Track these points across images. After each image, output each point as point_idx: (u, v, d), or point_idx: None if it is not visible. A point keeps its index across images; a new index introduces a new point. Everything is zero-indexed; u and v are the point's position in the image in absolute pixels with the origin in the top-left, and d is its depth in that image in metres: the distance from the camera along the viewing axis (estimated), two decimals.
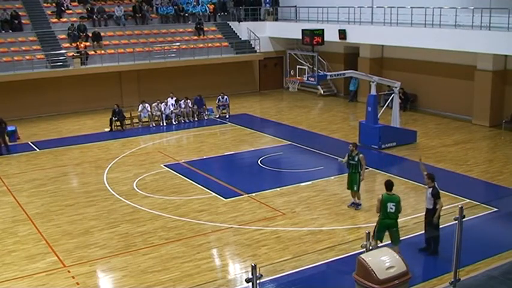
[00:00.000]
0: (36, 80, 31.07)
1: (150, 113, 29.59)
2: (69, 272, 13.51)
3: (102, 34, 34.33)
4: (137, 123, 29.47)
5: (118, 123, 28.54)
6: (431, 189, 13.40)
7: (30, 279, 13.22)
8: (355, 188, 16.90)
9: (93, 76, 32.63)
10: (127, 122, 29.06)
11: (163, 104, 30.00)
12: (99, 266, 13.82)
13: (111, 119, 28.49)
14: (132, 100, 32.29)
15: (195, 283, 12.65)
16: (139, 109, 29.64)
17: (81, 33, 33.92)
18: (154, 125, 29.40)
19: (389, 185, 12.98)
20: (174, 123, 29.79)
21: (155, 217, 16.74)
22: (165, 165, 21.97)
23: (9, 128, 26.82)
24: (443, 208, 13.50)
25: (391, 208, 12.78)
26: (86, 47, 33.42)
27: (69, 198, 18.67)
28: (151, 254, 14.29)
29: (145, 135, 27.53)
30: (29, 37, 33.17)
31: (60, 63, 32.07)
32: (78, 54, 32.57)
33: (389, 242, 12.87)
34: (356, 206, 17.04)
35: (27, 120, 26.03)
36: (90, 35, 33.98)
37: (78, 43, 33.42)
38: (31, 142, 25.99)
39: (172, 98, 30.39)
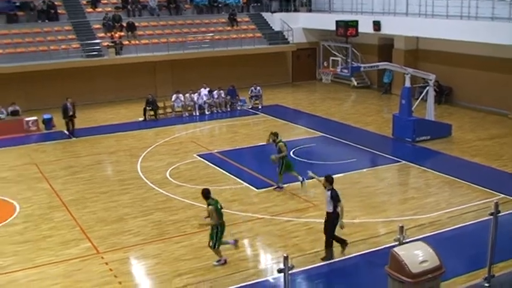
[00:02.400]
0: (72, 69, 31.50)
1: (183, 102, 29.80)
2: (102, 258, 13.74)
3: (136, 24, 34.61)
4: (170, 112, 29.71)
5: (152, 112, 28.81)
6: (329, 191, 13.04)
7: (65, 264, 13.49)
8: (277, 169, 17.81)
9: (127, 66, 32.94)
10: (160, 111, 29.31)
11: (197, 94, 30.17)
12: (132, 253, 14.02)
13: (145, 109, 28.77)
14: (166, 90, 32.49)
15: (226, 272, 12.75)
16: (173, 99, 29.88)
17: (116, 24, 34.26)
18: (187, 114, 29.60)
19: (207, 193, 13.09)
20: (207, 113, 29.94)
21: (188, 206, 16.89)
22: (198, 155, 22.12)
23: (46, 116, 27.35)
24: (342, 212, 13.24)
25: (220, 208, 13.08)
26: (120, 37, 33.75)
27: (103, 186, 18.96)
28: (183, 243, 14.44)
29: (178, 124, 27.73)
30: (64, 27, 33.65)
31: (95, 53, 32.46)
32: (113, 44, 32.91)
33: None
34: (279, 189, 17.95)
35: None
36: (125, 25, 34.30)
37: (112, 33, 33.77)
38: (66, 130, 26.38)
39: (205, 89, 30.53)
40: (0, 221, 16.21)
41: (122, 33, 34.05)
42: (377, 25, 31.52)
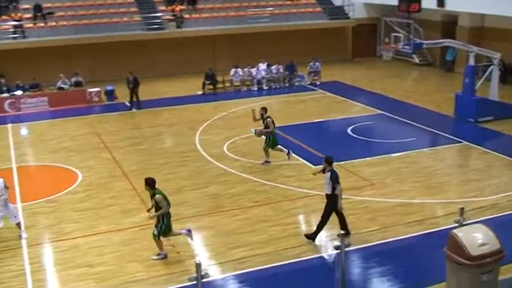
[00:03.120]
0: (133, 42, 32.03)
1: (242, 77, 29.90)
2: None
3: None
4: (229, 87, 29.88)
5: (210, 86, 29.05)
6: (329, 172, 12.76)
7: (124, 232, 13.88)
8: (264, 145, 18.17)
9: (187, 40, 33.21)
10: (219, 85, 29.51)
11: (255, 68, 30.20)
12: (189, 224, 14.23)
13: (204, 82, 29.02)
14: (225, 64, 32.62)
15: (281, 247, 12.85)
16: (232, 73, 30.01)
17: None
18: (245, 89, 29.71)
19: (152, 182, 12.68)
20: (265, 88, 29.95)
21: (244, 180, 17.03)
22: (255, 130, 22.17)
23: (108, 88, 27.98)
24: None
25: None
26: (181, 10, 33.99)
27: (162, 158, 19.31)
28: (239, 216, 14.60)
29: (236, 99, 27.86)
30: None
31: (156, 26, 32.85)
32: (174, 18, 33.20)
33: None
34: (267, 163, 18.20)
35: (124, 81, 27.10)
36: None
37: (174, 7, 34.04)
38: (127, 102, 26.91)
39: (264, 63, 30.51)
40: (63, 188, 16.78)
41: (183, 7, 34.28)
42: (441, 1, 30.62)
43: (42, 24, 31.48)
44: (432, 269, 11.34)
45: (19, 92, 26.97)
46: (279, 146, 18.47)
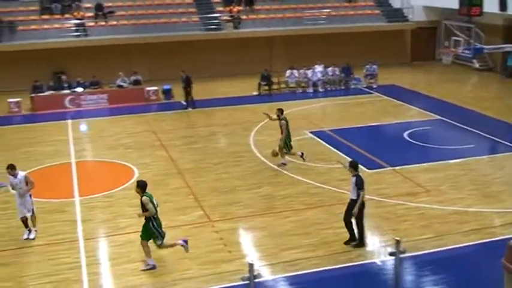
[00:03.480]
0: (191, 42, 32.43)
1: (297, 78, 29.88)
2: (213, 226, 14.20)
3: None
4: (284, 88, 29.90)
5: (266, 87, 29.14)
6: (354, 177, 12.59)
7: (178, 230, 14.05)
8: (284, 150, 18.08)
9: (244, 40, 33.41)
10: (274, 86, 29.56)
11: (311, 70, 30.13)
12: (241, 224, 14.38)
13: (259, 83, 29.13)
14: (281, 65, 32.65)
15: (333, 250, 12.79)
16: (287, 74, 30.03)
17: None
18: (300, 91, 29.67)
19: (144, 185, 12.31)
20: (321, 90, 29.84)
21: (297, 182, 17.02)
22: (309, 132, 22.16)
23: (165, 87, 28.45)
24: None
25: (156, 202, 12.45)
26: (238, 11, 34.21)
27: (217, 157, 19.49)
28: (291, 218, 14.60)
29: (291, 100, 27.80)
30: (185, 0, 34.59)
31: (214, 27, 33.17)
32: (231, 19, 33.46)
33: None
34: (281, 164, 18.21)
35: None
36: None
37: (231, 7, 34.30)
38: (183, 101, 27.25)
39: (320, 65, 30.40)
40: (120, 184, 17.16)
41: (241, 8, 34.50)
42: (503, 4, 29.77)
43: (103, 23, 32.26)
44: (488, 280, 11.09)
45: (79, 89, 27.73)
46: (284, 151, 18.24)
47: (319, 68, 30.30)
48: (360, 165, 17.79)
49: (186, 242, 12.60)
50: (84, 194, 16.42)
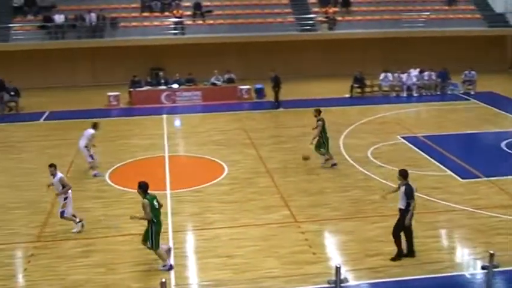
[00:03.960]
0: (284, 42, 32.59)
1: (391, 82, 29.35)
2: (299, 227, 14.20)
3: (351, 0, 34.61)
4: (377, 91, 29.46)
5: (358, 90, 28.83)
6: (403, 187, 12.23)
7: (263, 228, 14.19)
8: (321, 150, 18.32)
9: (338, 42, 33.21)
10: (367, 89, 29.18)
11: (406, 74, 29.50)
12: (328, 227, 14.30)
13: (352, 85, 28.86)
14: (374, 68, 32.13)
15: (419, 260, 12.47)
16: (381, 77, 29.58)
17: None
18: (394, 95, 29.13)
19: (145, 187, 11.97)
20: (415, 94, 29.17)
21: (387, 188, 16.67)
22: (401, 137, 21.71)
23: (258, 86, 28.76)
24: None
25: (157, 205, 12.05)
26: (334, 12, 34.03)
27: None
28: (379, 224, 14.34)
29: (384, 104, 27.40)
30: (281, 0, 34.78)
31: (309, 27, 33.16)
32: (327, 20, 33.32)
33: None
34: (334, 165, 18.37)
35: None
36: (340, 0, 34.47)
37: (327, 8, 34.17)
38: (274, 100, 27.43)
39: (415, 69, 29.70)
40: (210, 180, 17.51)
41: (336, 9, 34.29)
42: None
43: (201, 22, 33.05)
44: None
45: (175, 86, 28.55)
46: (322, 150, 18.46)
47: (414, 72, 29.62)
48: (452, 173, 17.52)
49: (170, 267, 12.22)
50: (175, 187, 16.89)
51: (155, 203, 12.02)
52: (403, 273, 11.93)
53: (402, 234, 12.56)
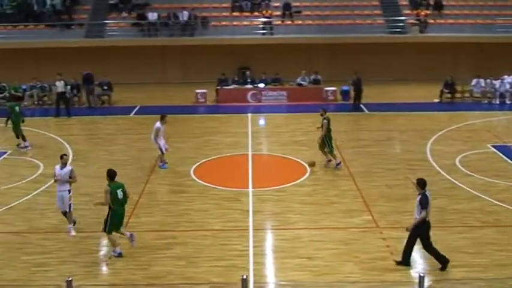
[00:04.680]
0: (373, 44, 32.15)
1: (483, 88, 28.35)
2: (381, 233, 13.98)
3: (444, 3, 33.70)
4: (468, 97, 28.54)
5: (449, 95, 28.04)
6: (419, 196, 11.98)
7: (344, 232, 14.07)
8: (326, 149, 18.50)
9: (429, 45, 32.44)
10: (458, 95, 28.34)
11: (499, 80, 28.41)
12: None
13: (441, 90, 28.11)
14: (466, 73, 31.07)
15: (505, 274, 11.98)
16: (473, 83, 28.65)
17: (423, 1, 33.82)
18: (486, 101, 28.11)
19: (112, 175, 12.79)
20: (508, 102, 28.04)
21: (474, 197, 16.17)
22: (492, 146, 20.93)
23: (344, 88, 28.56)
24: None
25: (120, 195, 12.66)
26: (426, 15, 33.23)
27: (390, 163, 19.15)
28: (464, 234, 13.90)
29: (475, 111, 26.53)
30: (372, 1, 34.33)
31: (399, 30, 32.54)
32: (418, 22, 32.60)
33: None
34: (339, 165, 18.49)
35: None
36: (432, 3, 33.64)
37: (419, 11, 33.44)
38: (356, 103, 27.16)
39: (509, 76, 28.54)
40: (292, 180, 17.55)
41: (428, 12, 33.49)
42: None
43: (289, 22, 33.15)
44: None
45: (261, 85, 28.79)
46: (326, 150, 18.62)
47: (508, 79, 28.46)
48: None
49: (132, 236, 12.98)
50: (257, 186, 17.05)
51: (119, 192, 12.66)
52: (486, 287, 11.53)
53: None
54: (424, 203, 12.02)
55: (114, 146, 21.65)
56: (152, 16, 33.20)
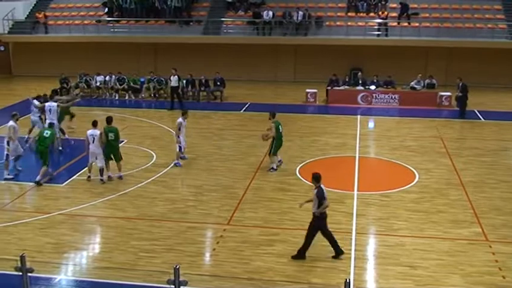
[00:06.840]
0: (494, 49, 30.82)
1: None
2: (490, 247, 13.37)
3: None
4: None
5: None
6: (316, 190, 12.29)
7: (451, 242, 13.58)
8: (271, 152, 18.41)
9: None
10: None
11: None
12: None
13: None
14: None
15: None
16: None
17: None
18: None
19: (108, 120, 17.46)
20: None
21: None
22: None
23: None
24: None
25: (111, 137, 17.12)
26: None
27: (505, 174, 18.24)
28: None
29: None
30: (494, 5, 32.82)
31: None
32: None
33: None
34: (272, 170, 18.28)
35: (473, 89, 26.22)
36: None
37: None
38: (477, 110, 26.06)
39: None
40: (399, 186, 17.17)
41: None
42: None
43: (406, 24, 32.36)
44: None
45: (373, 87, 28.34)
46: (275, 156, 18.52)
47: None
48: None
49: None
50: (362, 189, 16.85)
51: (108, 134, 17.06)
52: None
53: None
54: (321, 196, 12.31)
55: (223, 141, 22.16)
56: (267, 15, 33.61)
